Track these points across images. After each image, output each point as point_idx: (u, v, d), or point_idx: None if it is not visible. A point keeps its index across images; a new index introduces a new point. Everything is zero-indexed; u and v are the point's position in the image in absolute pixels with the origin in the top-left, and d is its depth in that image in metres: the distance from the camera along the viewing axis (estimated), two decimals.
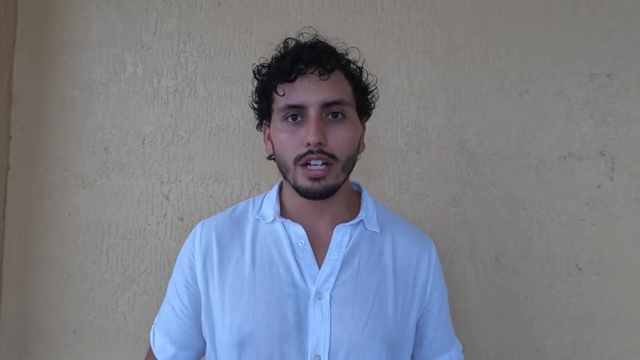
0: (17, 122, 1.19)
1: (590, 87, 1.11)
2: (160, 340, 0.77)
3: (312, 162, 0.66)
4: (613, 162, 1.09)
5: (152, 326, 0.81)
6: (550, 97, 1.12)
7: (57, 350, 1.18)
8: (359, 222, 0.74)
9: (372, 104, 0.78)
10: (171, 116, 1.19)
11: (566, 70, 1.12)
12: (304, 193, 0.68)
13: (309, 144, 0.65)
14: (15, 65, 1.19)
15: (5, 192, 1.18)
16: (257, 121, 0.78)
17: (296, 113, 0.67)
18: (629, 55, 1.10)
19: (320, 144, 0.65)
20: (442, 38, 1.15)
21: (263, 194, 0.81)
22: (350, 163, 0.70)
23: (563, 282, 1.10)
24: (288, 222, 0.72)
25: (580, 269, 1.10)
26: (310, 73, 0.67)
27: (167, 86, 1.19)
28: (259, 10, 1.19)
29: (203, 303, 0.73)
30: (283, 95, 0.67)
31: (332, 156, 0.67)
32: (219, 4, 1.19)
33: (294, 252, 0.71)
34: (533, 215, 1.12)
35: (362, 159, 0.74)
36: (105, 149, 1.19)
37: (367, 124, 0.79)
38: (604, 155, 1.10)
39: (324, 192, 0.67)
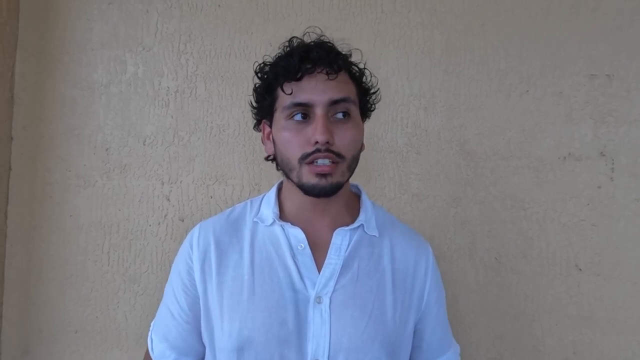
0: (19, 123, 1.19)
1: (590, 87, 1.11)
2: (159, 347, 0.76)
3: (319, 160, 0.65)
4: (613, 163, 1.09)
5: (149, 332, 0.79)
6: (550, 98, 1.12)
7: (58, 349, 1.18)
8: (359, 226, 0.74)
9: (373, 106, 0.78)
10: (172, 117, 1.19)
11: (565, 71, 1.12)
12: (310, 190, 0.67)
13: (316, 142, 0.64)
14: (17, 66, 1.20)
15: (7, 193, 1.19)
16: (255, 121, 0.77)
17: (302, 112, 0.67)
18: (628, 55, 1.10)
19: (327, 142, 0.64)
20: (442, 39, 1.16)
21: (261, 196, 0.80)
22: (354, 162, 0.70)
23: (563, 282, 1.10)
24: (287, 225, 0.72)
25: (580, 269, 1.10)
26: (317, 72, 0.66)
27: (168, 87, 1.20)
28: (259, 12, 1.19)
29: (202, 307, 0.72)
30: (290, 94, 0.67)
31: (339, 155, 0.66)
32: (219, 6, 1.20)
33: (293, 256, 0.70)
34: (533, 215, 1.12)
35: (363, 160, 0.75)
36: (107, 149, 1.20)
37: (367, 124, 0.79)
38: (603, 155, 1.10)
39: (330, 188, 0.66)
